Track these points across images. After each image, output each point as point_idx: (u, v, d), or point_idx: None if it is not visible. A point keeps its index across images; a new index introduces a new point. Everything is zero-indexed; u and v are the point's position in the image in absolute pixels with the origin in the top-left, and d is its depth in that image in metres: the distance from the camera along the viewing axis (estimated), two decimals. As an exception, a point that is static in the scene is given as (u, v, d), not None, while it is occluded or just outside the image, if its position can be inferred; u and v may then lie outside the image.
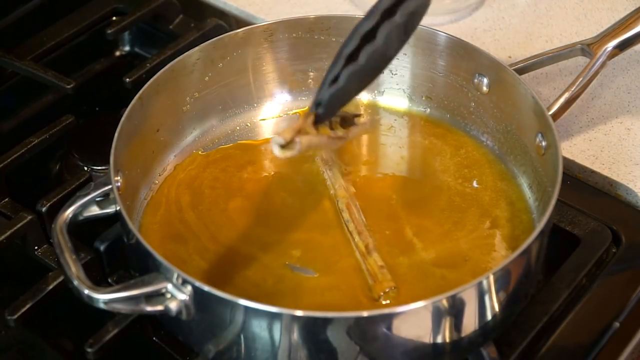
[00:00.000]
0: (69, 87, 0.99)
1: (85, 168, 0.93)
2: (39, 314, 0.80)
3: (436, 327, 0.70)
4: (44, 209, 0.86)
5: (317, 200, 0.86)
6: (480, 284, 0.70)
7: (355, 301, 0.77)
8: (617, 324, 0.80)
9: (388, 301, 0.76)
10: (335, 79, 0.73)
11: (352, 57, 0.73)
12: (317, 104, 0.74)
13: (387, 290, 0.76)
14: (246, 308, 0.68)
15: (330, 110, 0.75)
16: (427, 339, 0.71)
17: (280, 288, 0.78)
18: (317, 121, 0.75)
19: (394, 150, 0.91)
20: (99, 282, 0.79)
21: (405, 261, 0.80)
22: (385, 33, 0.72)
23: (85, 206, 0.76)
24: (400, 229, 0.83)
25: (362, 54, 0.72)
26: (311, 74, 0.95)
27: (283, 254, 0.81)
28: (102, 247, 0.83)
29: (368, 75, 0.75)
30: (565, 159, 0.92)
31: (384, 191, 0.87)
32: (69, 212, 0.76)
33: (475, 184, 0.87)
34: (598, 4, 1.09)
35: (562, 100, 0.87)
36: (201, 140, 0.92)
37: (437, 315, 0.69)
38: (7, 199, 0.89)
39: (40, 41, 1.06)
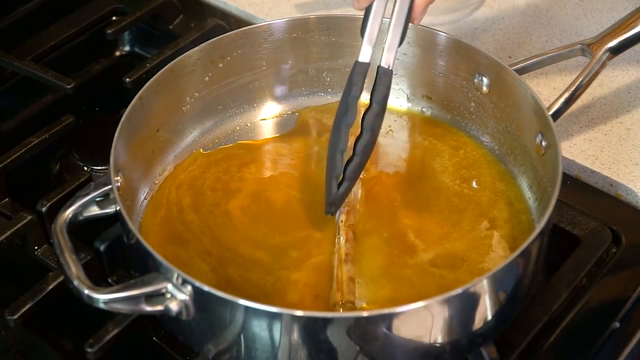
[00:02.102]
0: (69, 87, 0.99)
1: (85, 168, 0.93)
2: (39, 314, 0.80)
3: (436, 327, 0.70)
4: (44, 209, 0.86)
5: (317, 200, 0.86)
6: (480, 284, 0.70)
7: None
8: (617, 324, 0.80)
9: (341, 310, 0.76)
10: (339, 177, 0.81)
11: (344, 149, 0.80)
12: (329, 202, 0.82)
13: (343, 302, 0.76)
14: (246, 308, 0.68)
15: (340, 206, 0.83)
16: (427, 339, 0.71)
17: (277, 287, 0.78)
18: (329, 214, 0.82)
19: (393, 150, 0.91)
20: (99, 282, 0.79)
21: (404, 261, 0.80)
22: (370, 126, 0.81)
23: (85, 206, 0.76)
24: (399, 230, 0.83)
25: (358, 150, 0.80)
26: (311, 74, 0.95)
27: (283, 255, 0.81)
28: (102, 247, 0.83)
29: (365, 163, 0.82)
30: (565, 159, 0.92)
31: (384, 191, 0.87)
32: (69, 212, 0.75)
33: (474, 184, 0.87)
34: (598, 4, 1.09)
35: (562, 100, 0.87)
36: (201, 140, 0.92)
37: (437, 315, 0.69)
38: (7, 199, 0.89)
39: (40, 41, 1.06)
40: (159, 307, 0.70)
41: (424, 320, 0.70)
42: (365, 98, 0.82)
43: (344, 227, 0.82)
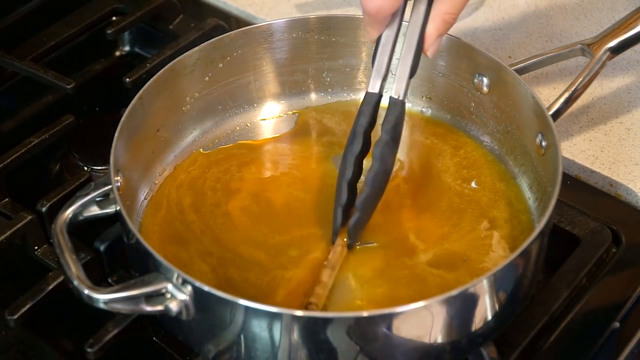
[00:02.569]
0: (69, 87, 0.99)
1: (85, 168, 0.93)
2: (39, 314, 0.80)
3: (436, 327, 0.70)
4: (44, 209, 0.86)
5: (318, 199, 0.86)
6: (480, 284, 0.70)
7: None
8: (617, 324, 0.80)
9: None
10: (348, 207, 0.80)
11: (355, 180, 0.80)
12: (337, 233, 0.80)
13: (310, 302, 0.76)
14: (246, 308, 0.68)
15: (357, 237, 0.81)
16: (427, 339, 0.71)
17: (272, 286, 0.78)
18: (349, 249, 0.81)
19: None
20: (99, 282, 0.80)
21: (404, 262, 0.80)
22: (379, 155, 0.79)
23: (85, 206, 0.76)
24: (399, 230, 0.83)
25: (368, 181, 0.78)
26: (311, 74, 0.95)
27: (281, 254, 0.81)
28: (102, 247, 0.83)
29: (378, 197, 0.80)
30: (565, 159, 0.92)
31: (387, 191, 0.87)
32: (69, 212, 0.75)
33: (474, 184, 0.87)
34: (598, 4, 1.09)
35: (562, 100, 0.87)
36: (201, 140, 0.92)
37: (437, 315, 0.69)
38: (7, 199, 0.89)
39: (40, 41, 1.06)
40: (159, 307, 0.70)
41: (424, 320, 0.70)
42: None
43: (340, 237, 0.81)
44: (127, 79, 0.99)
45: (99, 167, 0.93)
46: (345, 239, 0.80)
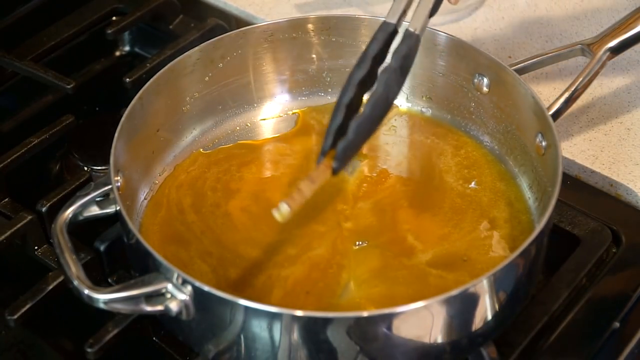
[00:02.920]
0: (69, 87, 0.99)
1: (85, 168, 0.93)
2: (39, 314, 0.80)
3: (436, 327, 0.70)
4: (44, 209, 0.86)
5: (318, 199, 0.86)
6: (480, 284, 0.70)
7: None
8: (617, 324, 0.80)
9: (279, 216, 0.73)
10: (340, 129, 0.75)
11: (355, 107, 0.76)
12: (325, 153, 0.75)
13: (283, 201, 0.73)
14: (246, 308, 0.68)
15: (345, 163, 0.76)
16: (427, 339, 0.71)
17: (268, 285, 0.78)
18: (334, 174, 0.76)
19: (393, 150, 0.91)
20: (99, 282, 0.80)
21: (404, 262, 0.80)
22: (384, 80, 0.75)
23: (85, 206, 0.76)
24: (399, 230, 0.83)
25: (367, 104, 0.75)
26: (311, 74, 0.95)
27: (280, 253, 0.81)
28: (102, 247, 0.83)
29: (374, 124, 0.76)
30: (565, 159, 0.92)
31: (383, 192, 0.87)
32: (69, 212, 0.76)
33: (474, 184, 0.87)
34: (598, 4, 1.09)
35: (562, 100, 0.87)
36: (201, 140, 0.92)
37: (437, 316, 0.69)
38: (7, 199, 0.89)
39: (40, 41, 1.06)
40: (159, 307, 0.70)
41: (424, 320, 0.70)
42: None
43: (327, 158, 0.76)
44: (127, 79, 0.99)
45: (99, 167, 0.93)
46: (331, 161, 0.76)
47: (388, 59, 0.77)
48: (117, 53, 1.11)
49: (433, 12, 0.78)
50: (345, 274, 0.79)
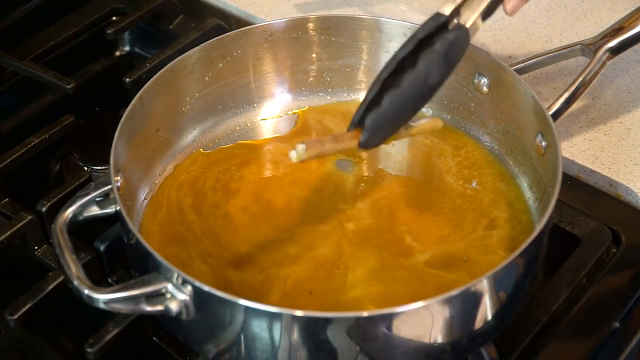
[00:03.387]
0: (69, 87, 0.99)
1: (85, 168, 0.93)
2: (39, 314, 0.80)
3: (436, 327, 0.70)
4: (44, 209, 0.86)
5: (319, 199, 0.86)
6: (480, 284, 0.70)
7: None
8: (617, 324, 0.80)
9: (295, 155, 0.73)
10: (375, 101, 0.75)
11: (392, 82, 0.75)
12: (355, 124, 0.75)
13: (299, 144, 0.73)
14: (246, 308, 0.68)
15: (374, 138, 0.76)
16: (427, 339, 0.71)
17: (266, 285, 0.78)
18: (360, 147, 0.76)
19: (393, 150, 0.91)
20: (99, 282, 0.80)
21: (404, 262, 0.80)
22: (426, 59, 0.75)
23: (85, 206, 0.76)
24: (399, 230, 0.83)
25: (404, 79, 0.74)
26: (311, 74, 0.95)
27: (279, 253, 0.81)
28: (102, 247, 0.83)
29: (410, 102, 0.76)
30: (565, 159, 0.92)
31: (383, 191, 0.87)
32: (69, 212, 0.76)
33: (474, 184, 0.87)
34: (598, 4, 1.09)
35: (562, 100, 0.87)
36: (201, 140, 0.92)
37: (437, 316, 0.69)
38: (7, 199, 0.89)
39: (40, 41, 1.06)
40: (159, 307, 0.70)
41: (424, 320, 0.70)
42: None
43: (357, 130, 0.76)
44: (127, 79, 0.99)
45: (99, 167, 0.93)
46: (359, 133, 0.76)
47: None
48: (117, 53, 1.11)
49: (486, 14, 0.78)
50: (350, 275, 0.79)
